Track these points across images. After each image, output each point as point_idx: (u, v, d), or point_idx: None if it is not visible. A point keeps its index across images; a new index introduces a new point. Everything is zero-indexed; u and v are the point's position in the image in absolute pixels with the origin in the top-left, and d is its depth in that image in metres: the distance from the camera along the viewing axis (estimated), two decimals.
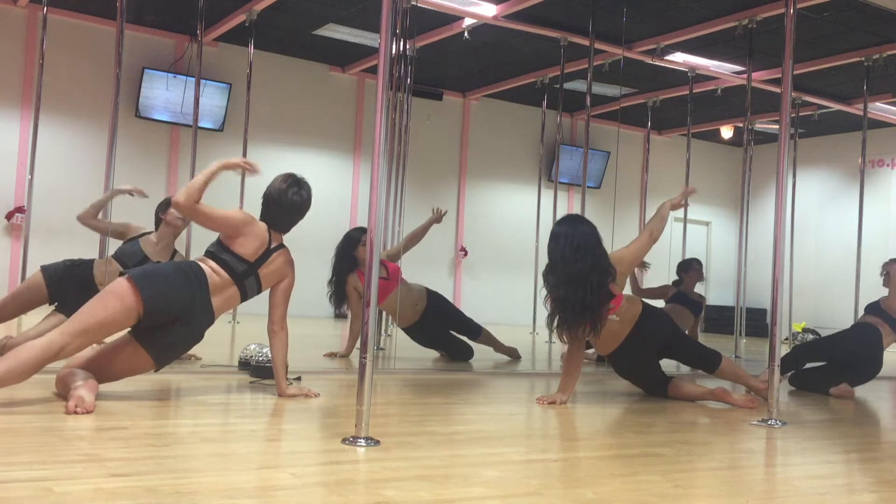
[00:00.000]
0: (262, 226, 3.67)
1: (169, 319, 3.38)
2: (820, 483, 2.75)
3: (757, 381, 4.71)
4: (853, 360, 5.47)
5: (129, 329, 3.44)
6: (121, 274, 3.53)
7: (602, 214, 8.46)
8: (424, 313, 6.03)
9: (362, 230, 5.54)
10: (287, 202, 3.71)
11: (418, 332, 6.12)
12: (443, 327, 6.19)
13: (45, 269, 4.73)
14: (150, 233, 4.84)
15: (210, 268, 3.55)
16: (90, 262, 4.79)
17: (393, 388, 4.48)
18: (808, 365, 5.67)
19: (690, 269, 7.40)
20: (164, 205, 4.75)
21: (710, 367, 4.67)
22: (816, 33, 8.54)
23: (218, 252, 3.61)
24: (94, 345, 3.62)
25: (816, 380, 5.43)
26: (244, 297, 3.66)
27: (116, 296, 3.31)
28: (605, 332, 4.31)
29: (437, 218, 6.16)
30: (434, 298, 6.14)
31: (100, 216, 4.92)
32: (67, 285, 4.64)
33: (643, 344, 4.45)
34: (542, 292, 4.28)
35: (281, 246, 3.72)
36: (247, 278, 3.61)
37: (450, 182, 12.51)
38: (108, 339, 3.54)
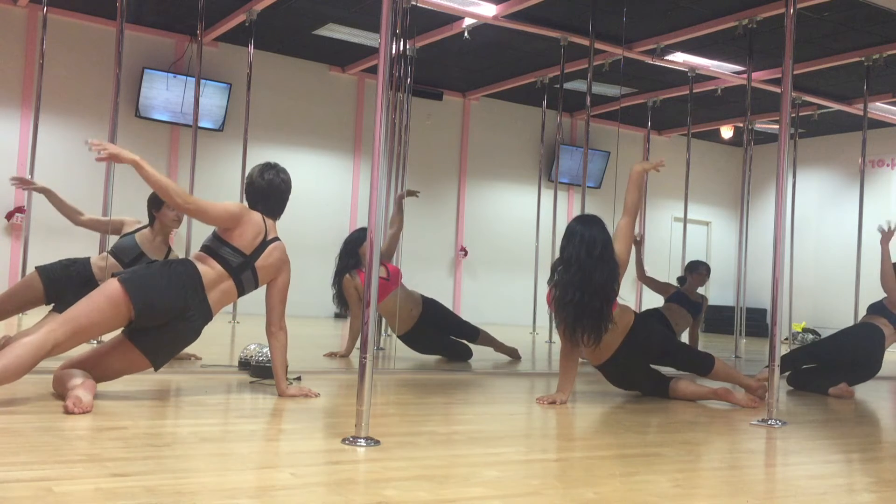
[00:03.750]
0: (258, 215, 3.69)
1: (160, 322, 3.39)
2: (820, 483, 2.75)
3: (750, 379, 4.70)
4: (853, 359, 5.46)
5: (122, 328, 3.44)
6: (113, 274, 3.52)
7: (602, 214, 8.43)
8: (420, 319, 6.01)
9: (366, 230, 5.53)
10: (273, 185, 3.76)
11: (415, 338, 6.08)
12: (439, 333, 6.17)
13: (40, 269, 4.68)
14: (146, 227, 4.79)
15: (204, 264, 3.55)
16: (86, 259, 4.75)
17: (393, 388, 4.48)
18: (806, 365, 5.68)
19: (696, 271, 7.40)
20: (156, 200, 4.62)
21: (704, 371, 4.66)
22: (816, 33, 8.54)
23: (215, 247, 3.60)
24: (89, 343, 3.61)
25: (815, 380, 5.43)
26: (241, 291, 3.64)
27: (107, 297, 3.31)
28: None
29: (404, 194, 6.10)
30: (429, 304, 6.13)
31: (91, 215, 4.90)
32: (66, 286, 4.59)
33: (633, 356, 4.44)
34: (543, 292, 4.27)
35: (276, 238, 3.73)
36: (243, 272, 3.60)
37: (450, 182, 12.51)
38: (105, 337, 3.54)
